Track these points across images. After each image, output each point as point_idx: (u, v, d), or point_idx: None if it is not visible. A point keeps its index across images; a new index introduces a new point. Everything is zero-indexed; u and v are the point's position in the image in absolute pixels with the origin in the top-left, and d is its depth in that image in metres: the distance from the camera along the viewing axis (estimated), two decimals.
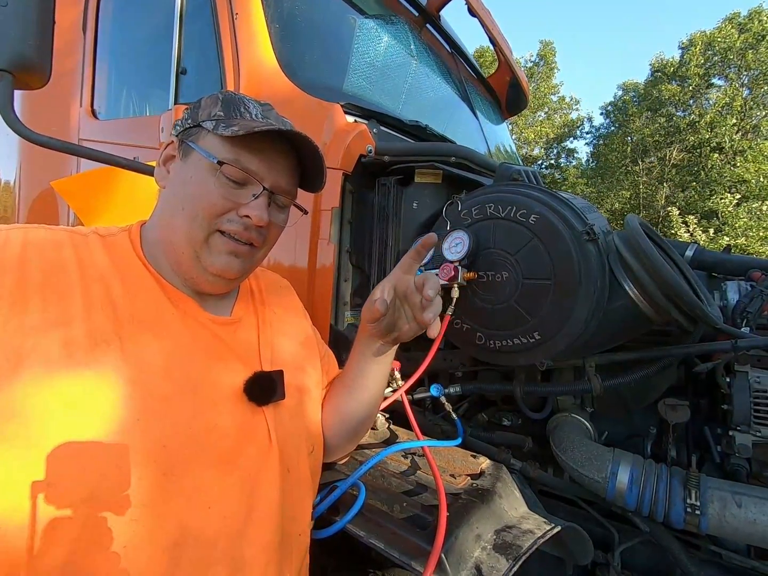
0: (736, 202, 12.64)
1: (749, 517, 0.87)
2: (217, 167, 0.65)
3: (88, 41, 1.78)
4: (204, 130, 0.68)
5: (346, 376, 0.87)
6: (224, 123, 0.66)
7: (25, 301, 0.54)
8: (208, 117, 0.68)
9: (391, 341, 0.81)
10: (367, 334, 0.82)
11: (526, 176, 1.12)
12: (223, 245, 0.68)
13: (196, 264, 0.68)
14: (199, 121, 0.69)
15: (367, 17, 1.65)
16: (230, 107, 0.69)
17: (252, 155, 0.67)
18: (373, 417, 0.93)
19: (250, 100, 0.72)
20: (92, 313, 0.58)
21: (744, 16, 15.57)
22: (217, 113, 0.68)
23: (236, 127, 0.64)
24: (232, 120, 0.67)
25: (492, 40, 2.25)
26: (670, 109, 17.19)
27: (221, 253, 0.68)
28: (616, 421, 1.26)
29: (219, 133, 0.65)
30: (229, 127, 0.65)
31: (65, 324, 0.56)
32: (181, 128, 0.71)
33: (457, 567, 0.71)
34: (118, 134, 1.66)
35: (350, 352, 0.86)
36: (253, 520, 0.63)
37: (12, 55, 0.86)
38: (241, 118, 0.68)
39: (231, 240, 0.68)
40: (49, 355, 0.53)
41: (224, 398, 0.66)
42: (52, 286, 0.57)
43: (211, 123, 0.67)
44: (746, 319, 1.08)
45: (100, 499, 0.52)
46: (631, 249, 0.93)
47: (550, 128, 21.34)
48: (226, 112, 0.68)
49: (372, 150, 1.23)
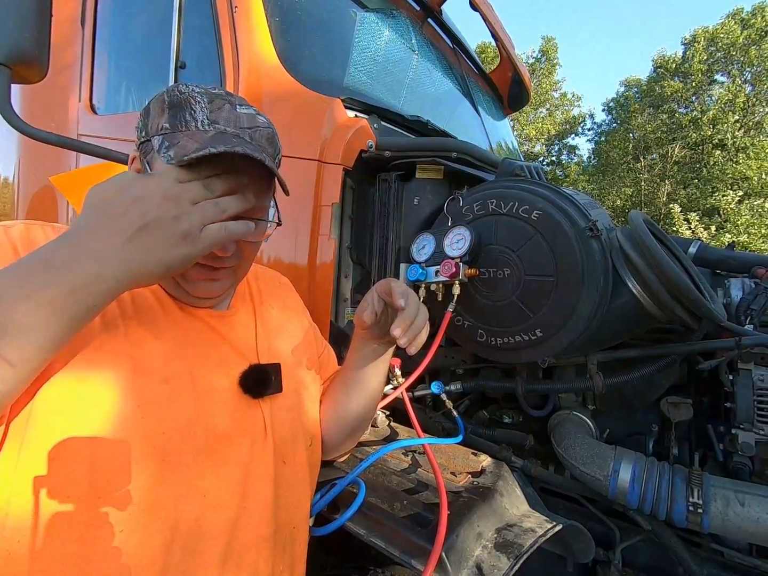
0: (738, 200, 12.62)
1: (752, 516, 0.87)
2: None
3: (87, 35, 1.76)
4: (154, 149, 0.59)
5: (344, 374, 0.88)
6: (168, 141, 0.58)
7: None
8: (156, 131, 0.60)
9: (387, 342, 0.80)
10: (367, 339, 0.81)
11: (529, 172, 1.11)
12: (197, 275, 0.65)
13: (178, 288, 0.66)
14: (150, 134, 0.61)
15: (368, 11, 1.64)
16: (176, 116, 0.59)
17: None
18: (372, 415, 0.93)
19: (198, 97, 0.61)
20: None
21: (747, 12, 15.49)
22: (163, 125, 0.60)
23: (176, 149, 0.57)
24: (176, 135, 0.58)
25: (494, 35, 2.23)
26: (672, 106, 17.11)
27: (198, 281, 0.66)
28: (618, 419, 1.26)
29: (161, 155, 0.57)
30: (170, 149, 0.57)
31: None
32: (138, 141, 0.63)
33: (458, 566, 0.71)
34: (117, 129, 1.65)
35: (348, 349, 0.86)
36: (246, 511, 0.64)
37: (8, 48, 0.85)
38: (186, 128, 0.59)
39: (205, 269, 0.65)
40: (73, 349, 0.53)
41: (221, 390, 0.66)
42: None
43: (158, 140, 0.59)
44: (750, 317, 1.07)
45: (99, 490, 0.52)
46: (635, 245, 0.92)
47: (551, 125, 21.27)
48: (172, 123, 0.59)
49: (373, 145, 1.21)
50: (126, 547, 0.53)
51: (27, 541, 0.50)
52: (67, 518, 0.51)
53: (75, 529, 0.51)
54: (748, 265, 1.24)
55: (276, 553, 0.68)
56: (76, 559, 0.51)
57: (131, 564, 0.53)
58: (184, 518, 0.57)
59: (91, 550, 0.51)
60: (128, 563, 0.53)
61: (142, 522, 0.54)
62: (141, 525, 0.54)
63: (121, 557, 0.52)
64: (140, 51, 1.76)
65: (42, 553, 0.50)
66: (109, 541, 0.52)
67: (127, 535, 0.53)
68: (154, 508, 0.55)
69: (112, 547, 0.52)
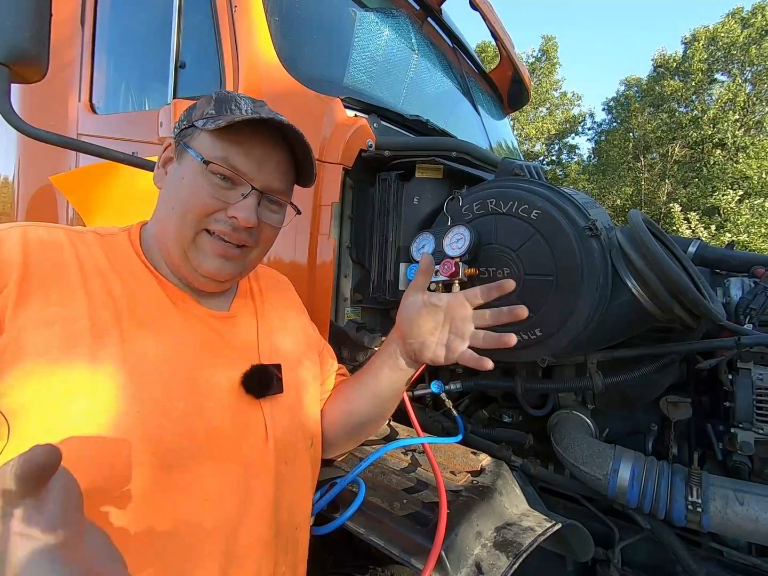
0: (738, 199, 12.60)
1: (751, 515, 0.87)
2: (204, 166, 0.65)
3: (87, 35, 1.76)
4: (197, 129, 0.68)
5: (361, 375, 0.88)
6: (213, 119, 0.66)
7: (28, 296, 0.55)
8: (201, 116, 0.69)
9: (413, 354, 0.79)
10: (397, 336, 0.81)
11: (528, 171, 1.11)
12: (210, 246, 0.67)
13: (186, 264, 0.68)
14: (193, 121, 0.69)
15: (368, 10, 1.64)
16: (222, 105, 0.69)
17: (241, 153, 0.67)
18: (378, 425, 0.93)
19: (243, 97, 0.71)
20: (94, 307, 0.59)
21: (747, 11, 15.47)
22: (209, 111, 0.68)
23: (221, 120, 0.64)
24: (221, 116, 0.67)
25: (494, 34, 2.23)
26: (672, 105, 17.09)
27: (208, 254, 0.67)
28: (618, 418, 1.26)
29: (206, 128, 0.65)
30: (215, 122, 0.65)
31: (68, 318, 0.56)
32: (178, 129, 0.72)
33: (458, 564, 0.71)
34: (116, 129, 1.65)
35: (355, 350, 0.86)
36: (248, 512, 0.64)
37: (8, 47, 0.85)
38: (231, 114, 0.67)
39: (219, 241, 0.68)
40: (50, 348, 0.53)
41: (222, 391, 0.66)
42: (53, 281, 0.57)
43: (203, 121, 0.67)
44: (749, 316, 1.07)
45: (100, 490, 0.52)
46: (635, 245, 0.92)
47: (551, 124, 21.25)
48: (218, 110, 0.68)
49: (372, 145, 1.21)
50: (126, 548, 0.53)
51: None
52: None
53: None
54: (747, 265, 1.24)
55: (278, 553, 0.68)
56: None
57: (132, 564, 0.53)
58: (184, 518, 0.57)
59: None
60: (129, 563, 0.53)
61: (143, 522, 0.54)
62: (142, 525, 0.54)
63: (122, 557, 0.53)
64: (140, 50, 1.76)
65: None
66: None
67: (127, 535, 0.53)
68: (154, 508, 0.55)
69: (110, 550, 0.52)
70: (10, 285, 0.54)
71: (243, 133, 0.66)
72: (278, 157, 0.71)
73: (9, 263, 0.55)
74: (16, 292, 0.54)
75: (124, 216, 1.52)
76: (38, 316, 0.54)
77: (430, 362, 0.77)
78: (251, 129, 0.66)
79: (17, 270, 0.55)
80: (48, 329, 0.54)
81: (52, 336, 0.54)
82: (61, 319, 0.56)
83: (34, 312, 0.54)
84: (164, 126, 1.39)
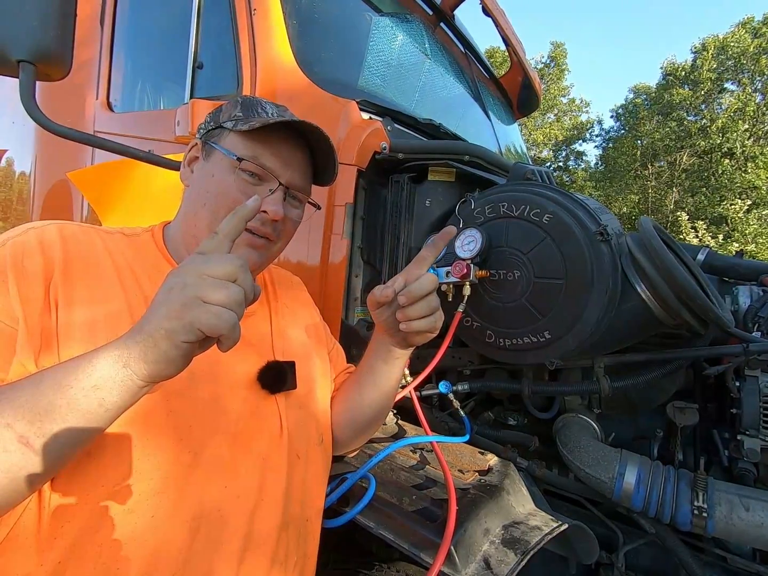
0: (746, 209, 12.52)
1: (756, 521, 0.87)
2: (236, 164, 0.69)
3: (106, 34, 1.79)
4: (225, 130, 0.73)
5: (359, 372, 0.89)
6: (243, 121, 0.71)
7: (72, 285, 0.58)
8: (228, 118, 0.74)
9: (402, 343, 0.79)
10: (380, 332, 0.82)
11: (540, 176, 1.12)
12: (241, 238, 0.69)
13: None
14: (220, 122, 0.74)
15: (383, 15, 1.66)
16: (249, 109, 0.74)
17: (269, 152, 0.72)
18: (384, 415, 0.95)
19: (267, 102, 0.77)
20: (129, 297, 0.62)
21: (758, 21, 15.41)
22: (236, 114, 0.74)
23: (254, 122, 0.69)
24: (250, 119, 0.72)
25: (505, 40, 2.24)
26: (681, 114, 17.01)
27: (239, 245, 0.70)
28: (623, 423, 1.26)
29: (238, 129, 0.70)
30: (247, 123, 0.70)
31: (109, 308, 0.60)
32: (204, 130, 0.77)
33: (466, 560, 0.72)
34: (133, 127, 1.67)
35: (366, 349, 0.87)
36: (262, 502, 0.66)
37: (33, 46, 0.87)
38: (258, 117, 0.73)
39: (248, 233, 0.71)
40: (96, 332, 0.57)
41: (239, 385, 0.68)
42: (92, 275, 0.61)
43: (231, 123, 0.73)
44: (757, 324, 1.08)
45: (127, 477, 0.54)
46: (644, 250, 0.93)
47: (559, 130, 21.24)
48: (245, 113, 0.73)
49: (386, 147, 1.23)
50: (155, 535, 0.54)
51: (34, 529, 0.51)
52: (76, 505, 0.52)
53: (105, 516, 0.53)
54: (755, 273, 1.25)
55: (290, 544, 0.70)
56: (103, 547, 0.52)
57: (160, 551, 0.54)
58: (207, 507, 0.59)
59: (122, 536, 0.53)
60: (158, 549, 0.54)
61: (170, 511, 0.56)
62: (168, 514, 0.55)
63: (150, 544, 0.54)
64: (158, 50, 1.79)
65: (52, 542, 0.51)
66: (139, 527, 0.54)
67: (157, 521, 0.55)
68: (180, 497, 0.57)
69: (140, 534, 0.54)
70: (56, 275, 0.57)
71: (271, 134, 0.71)
72: (300, 156, 0.77)
73: (52, 257, 0.58)
74: (62, 281, 0.57)
75: (138, 213, 1.55)
76: (83, 305, 0.58)
77: (420, 343, 0.77)
78: (279, 131, 0.71)
79: (60, 262, 0.59)
80: (92, 316, 0.57)
81: (96, 323, 0.57)
82: (104, 309, 0.59)
83: (79, 301, 0.58)
84: (181, 125, 1.41)
